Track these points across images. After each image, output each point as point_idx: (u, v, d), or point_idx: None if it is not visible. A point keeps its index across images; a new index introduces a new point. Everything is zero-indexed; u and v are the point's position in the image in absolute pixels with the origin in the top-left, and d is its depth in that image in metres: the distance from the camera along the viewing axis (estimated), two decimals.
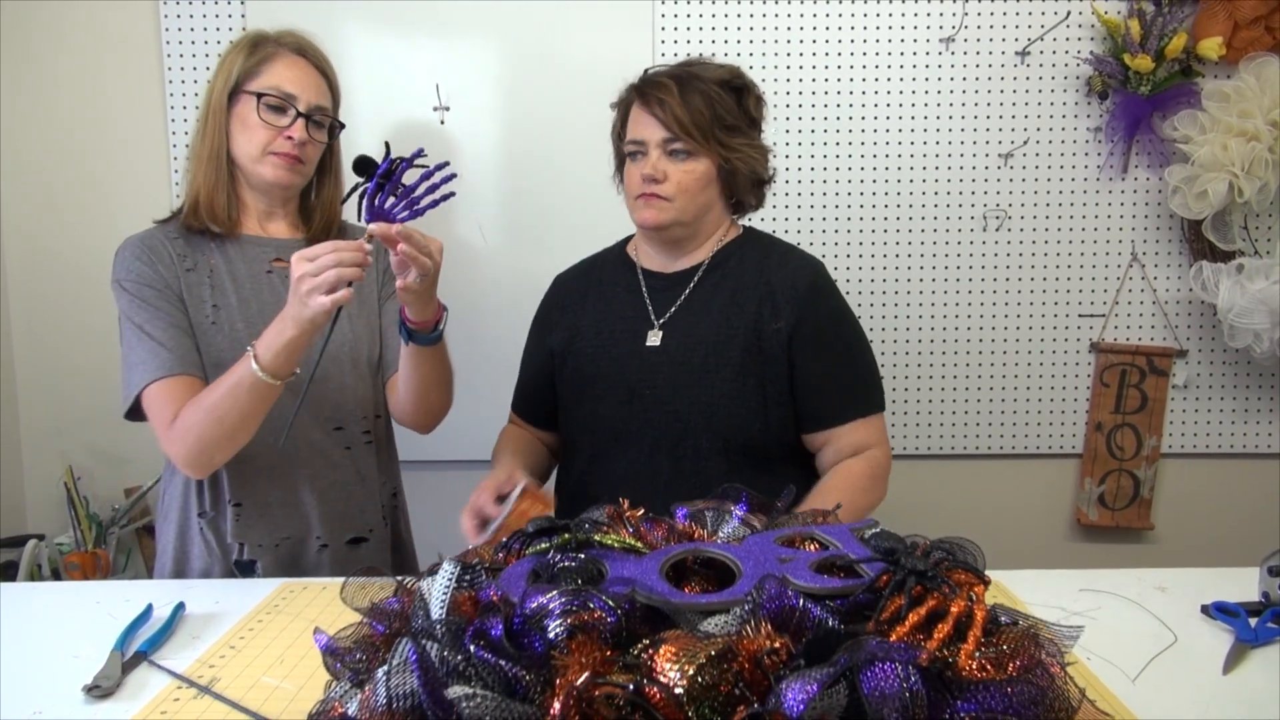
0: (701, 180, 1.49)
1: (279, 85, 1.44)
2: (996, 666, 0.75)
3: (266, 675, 1.04)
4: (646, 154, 1.50)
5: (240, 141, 1.45)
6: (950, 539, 0.95)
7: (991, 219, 2.26)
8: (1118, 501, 2.35)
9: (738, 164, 1.50)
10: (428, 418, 1.56)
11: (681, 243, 1.57)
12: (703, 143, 1.47)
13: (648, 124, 1.49)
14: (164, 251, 1.46)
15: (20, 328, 2.27)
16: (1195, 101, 2.12)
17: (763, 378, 1.49)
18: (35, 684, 1.04)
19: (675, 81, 1.48)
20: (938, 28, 2.20)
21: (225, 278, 1.48)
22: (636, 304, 1.59)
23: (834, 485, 1.48)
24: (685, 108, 1.46)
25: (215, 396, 1.33)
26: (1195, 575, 1.30)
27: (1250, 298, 2.10)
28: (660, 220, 1.50)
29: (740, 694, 0.72)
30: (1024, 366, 2.31)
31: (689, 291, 1.56)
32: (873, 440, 1.52)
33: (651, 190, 1.49)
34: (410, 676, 0.73)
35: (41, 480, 2.28)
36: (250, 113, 1.43)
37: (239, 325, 1.46)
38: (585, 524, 1.03)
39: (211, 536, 1.47)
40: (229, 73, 1.45)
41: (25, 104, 2.20)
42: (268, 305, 1.48)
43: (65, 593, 1.36)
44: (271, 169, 1.45)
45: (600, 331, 1.59)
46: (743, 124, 1.51)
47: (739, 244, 1.59)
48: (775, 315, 1.50)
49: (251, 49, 1.45)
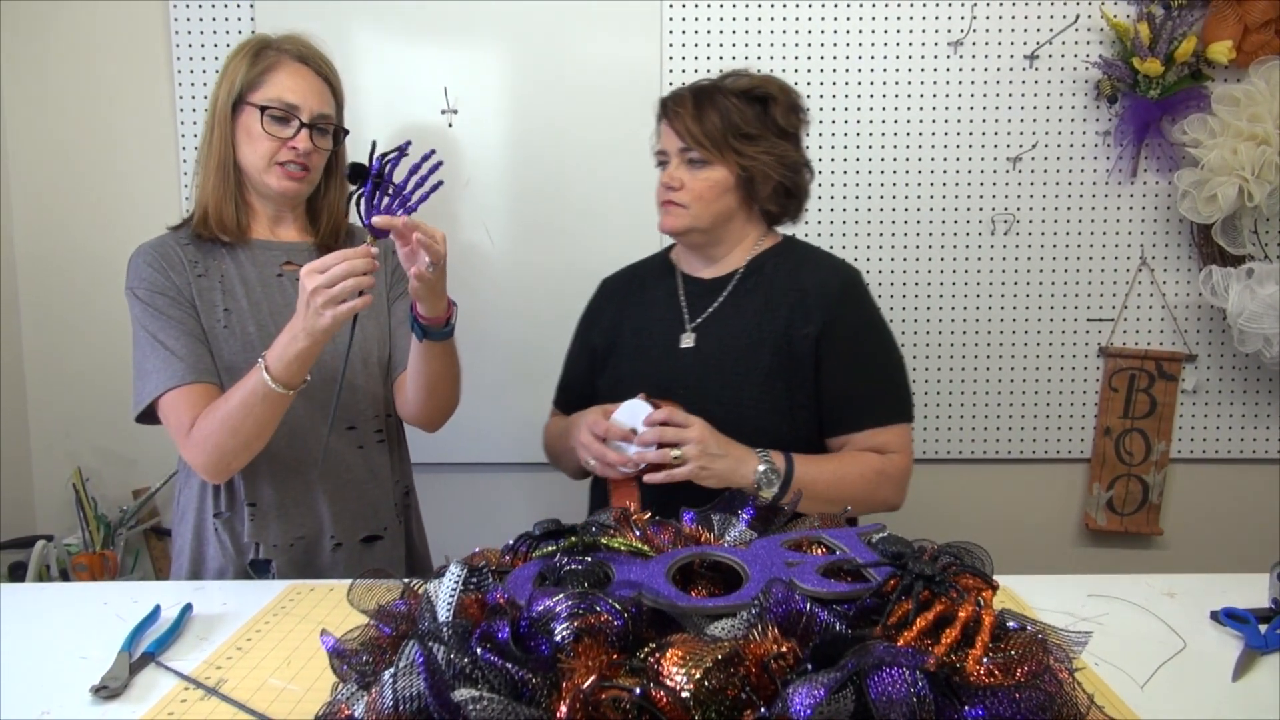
0: (717, 188, 1.54)
1: (281, 96, 1.45)
2: (1004, 672, 0.75)
3: (273, 677, 1.04)
4: (668, 163, 1.58)
5: (246, 152, 1.47)
6: (958, 543, 0.95)
7: (1000, 223, 2.26)
8: (1126, 507, 2.34)
9: (756, 172, 1.54)
10: (436, 415, 1.57)
11: (705, 248, 1.62)
12: (715, 152, 1.52)
13: (668, 135, 1.57)
14: (176, 258, 1.48)
15: (30, 330, 2.28)
16: (1205, 105, 2.12)
17: (790, 382, 1.52)
18: (43, 684, 1.04)
19: (692, 95, 1.55)
20: (946, 31, 2.20)
21: (236, 282, 1.50)
22: (673, 307, 1.64)
23: (836, 457, 1.52)
24: (698, 120, 1.52)
25: (229, 407, 1.34)
26: (1204, 581, 1.29)
27: (1260, 302, 2.09)
28: (676, 226, 1.57)
29: (747, 698, 0.72)
30: (1032, 371, 2.31)
31: (724, 297, 1.60)
32: (893, 447, 1.54)
33: (669, 198, 1.56)
34: (417, 679, 0.73)
35: (50, 481, 2.29)
36: (254, 124, 1.45)
37: (250, 329, 1.48)
38: (592, 527, 1.03)
39: (227, 537, 1.48)
40: (232, 82, 1.46)
41: (34, 107, 2.21)
42: (279, 308, 1.50)
43: (73, 593, 1.37)
44: (277, 179, 1.47)
45: (638, 333, 1.65)
46: (767, 133, 1.54)
47: (776, 251, 1.63)
48: (806, 320, 1.53)
49: (254, 58, 1.46)
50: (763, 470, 1.43)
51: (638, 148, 2.21)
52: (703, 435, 1.41)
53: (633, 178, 2.22)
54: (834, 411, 1.54)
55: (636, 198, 2.23)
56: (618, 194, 2.23)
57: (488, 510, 2.34)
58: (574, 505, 1.75)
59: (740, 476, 1.43)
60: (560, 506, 1.70)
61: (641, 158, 2.21)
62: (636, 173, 2.22)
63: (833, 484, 1.48)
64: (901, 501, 1.57)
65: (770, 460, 1.44)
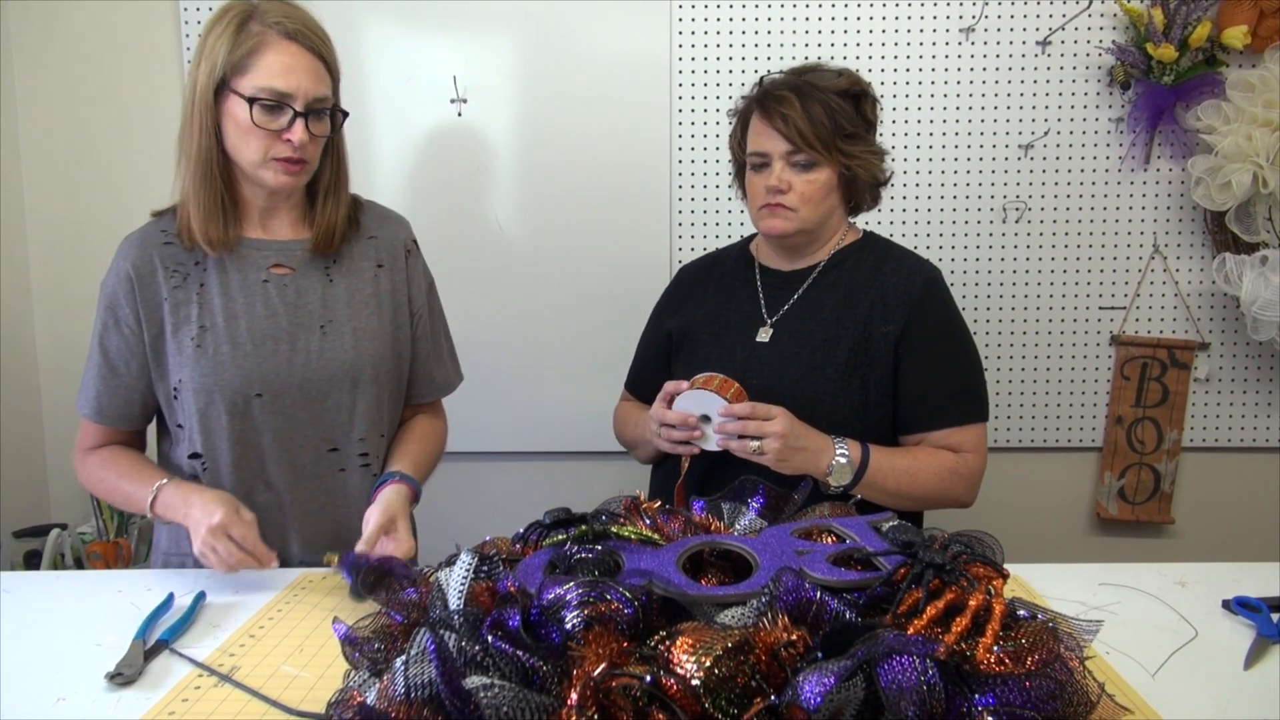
0: (824, 189, 1.52)
1: (271, 84, 1.29)
2: (1015, 660, 0.75)
3: (286, 664, 1.05)
4: (770, 165, 1.51)
5: (236, 145, 1.33)
6: (969, 532, 0.95)
7: (1011, 210, 2.24)
8: (1138, 495, 2.33)
9: (858, 170, 1.52)
10: None
11: (802, 247, 1.61)
12: (825, 154, 1.48)
13: (770, 136, 1.50)
14: (150, 268, 1.38)
15: (43, 320, 2.29)
16: (1219, 91, 2.10)
17: (866, 379, 1.51)
18: (59, 672, 1.05)
19: (795, 93, 1.49)
20: (958, 18, 2.18)
21: (216, 295, 1.39)
22: (751, 299, 1.62)
23: (911, 452, 1.51)
24: (808, 120, 1.47)
25: (115, 486, 1.40)
26: (1216, 570, 1.29)
27: (1274, 290, 2.07)
28: (786, 229, 1.53)
29: (757, 686, 0.72)
30: (1044, 359, 2.30)
31: (803, 290, 1.59)
32: (967, 447, 1.53)
33: (776, 200, 1.51)
34: (428, 666, 0.74)
35: (64, 470, 2.31)
36: (243, 115, 1.30)
37: (224, 349, 1.37)
38: (602, 516, 1.04)
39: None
40: (213, 64, 1.30)
41: (48, 104, 2.22)
42: (258, 320, 1.39)
43: (87, 582, 1.38)
44: (273, 175, 1.34)
45: (715, 322, 1.63)
46: (861, 130, 1.52)
47: (857, 247, 1.61)
48: (886, 319, 1.52)
49: (236, 34, 1.29)
50: (841, 462, 1.43)
51: (647, 137, 2.21)
52: (785, 429, 1.40)
53: (641, 166, 2.22)
54: (911, 410, 1.53)
55: (645, 187, 2.23)
56: (627, 183, 2.23)
57: (495, 500, 2.35)
58: (582, 493, 1.75)
59: (816, 467, 1.43)
60: (568, 495, 1.71)
61: (650, 146, 2.22)
62: (645, 161, 2.22)
63: (906, 479, 1.47)
64: (973, 500, 1.56)
65: (847, 452, 1.44)
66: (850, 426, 1.49)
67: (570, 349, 2.27)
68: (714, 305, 1.65)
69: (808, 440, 1.43)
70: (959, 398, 1.54)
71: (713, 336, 1.62)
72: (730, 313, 1.63)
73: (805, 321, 1.56)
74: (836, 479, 1.43)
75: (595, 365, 2.25)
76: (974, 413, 1.55)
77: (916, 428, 1.53)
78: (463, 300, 2.22)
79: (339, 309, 1.43)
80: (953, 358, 1.55)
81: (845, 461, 1.43)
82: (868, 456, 1.45)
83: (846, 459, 1.43)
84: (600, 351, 2.24)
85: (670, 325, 1.70)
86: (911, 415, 1.53)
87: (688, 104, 2.21)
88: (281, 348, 1.39)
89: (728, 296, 1.66)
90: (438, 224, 2.20)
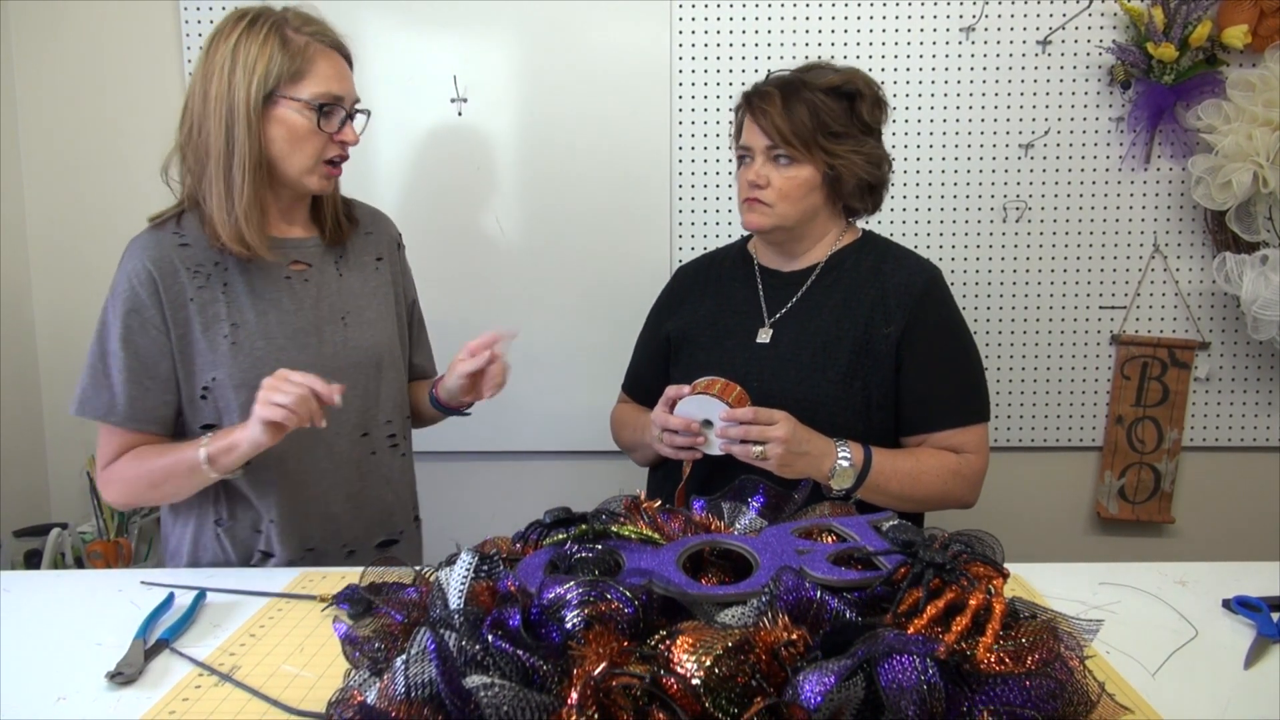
0: (803, 186, 1.51)
1: (329, 90, 1.35)
2: (1015, 660, 0.75)
3: (286, 663, 1.05)
4: (753, 160, 1.53)
5: (285, 151, 1.36)
6: (969, 532, 0.95)
7: (1012, 210, 2.24)
8: (1138, 495, 2.33)
9: (843, 170, 1.51)
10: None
11: (788, 245, 1.60)
12: (803, 151, 1.49)
13: (752, 131, 1.53)
14: (172, 267, 1.37)
15: (44, 320, 2.29)
16: (1219, 91, 2.10)
17: (868, 381, 1.51)
18: (59, 671, 1.05)
19: (780, 90, 1.51)
20: (958, 17, 2.18)
21: (243, 293, 1.40)
22: (751, 300, 1.62)
23: (913, 454, 1.51)
24: (787, 117, 1.48)
25: (157, 465, 1.34)
26: (1216, 569, 1.29)
27: (1274, 289, 2.07)
28: (762, 225, 1.54)
29: (757, 685, 0.72)
30: (1044, 359, 2.30)
31: (803, 292, 1.59)
32: (969, 447, 1.53)
33: (755, 195, 1.53)
34: (429, 665, 0.74)
35: (64, 469, 2.31)
36: (300, 121, 1.34)
37: (259, 344, 1.39)
38: (602, 515, 1.04)
39: (229, 542, 1.43)
40: (265, 74, 1.31)
41: (47, 106, 2.21)
42: (287, 315, 1.42)
43: (88, 581, 1.38)
44: (318, 179, 1.40)
45: (715, 323, 1.63)
46: (853, 130, 1.51)
47: (856, 247, 1.61)
48: (886, 319, 1.52)
49: (282, 43, 1.33)
50: (843, 465, 1.43)
51: (647, 136, 2.21)
52: (788, 434, 1.39)
53: (641, 166, 2.22)
54: (913, 411, 1.53)
55: (645, 187, 2.23)
56: (627, 182, 2.23)
57: (495, 500, 2.35)
58: (582, 493, 1.75)
59: (819, 471, 1.42)
60: (568, 495, 1.71)
61: (651, 146, 2.22)
62: (645, 161, 2.22)
63: (909, 481, 1.47)
64: (975, 500, 1.56)
65: (850, 455, 1.44)
66: (852, 429, 1.49)
67: (570, 349, 2.27)
68: (713, 306, 1.65)
69: (810, 444, 1.42)
70: (961, 398, 1.54)
71: (712, 339, 1.61)
72: (729, 313, 1.63)
73: (805, 323, 1.55)
74: (839, 483, 1.43)
75: (595, 365, 2.24)
76: (976, 413, 1.55)
77: (918, 429, 1.53)
78: (462, 299, 2.22)
79: (354, 301, 1.50)
80: (954, 358, 1.55)
81: (848, 465, 1.43)
82: (870, 459, 1.45)
83: (849, 462, 1.43)
84: (600, 351, 2.24)
85: (669, 327, 1.69)
86: (913, 417, 1.53)
87: (688, 104, 2.21)
88: (311, 340, 1.43)
89: (727, 297, 1.65)
90: (437, 223, 2.20)
